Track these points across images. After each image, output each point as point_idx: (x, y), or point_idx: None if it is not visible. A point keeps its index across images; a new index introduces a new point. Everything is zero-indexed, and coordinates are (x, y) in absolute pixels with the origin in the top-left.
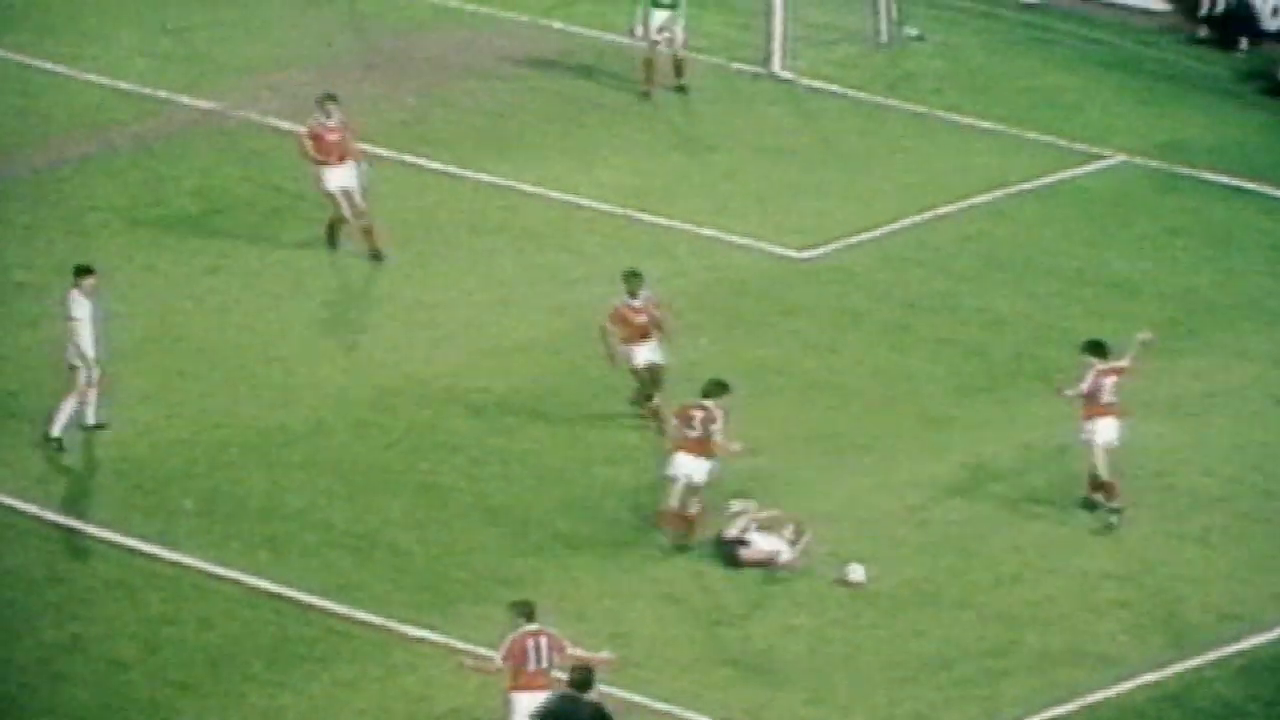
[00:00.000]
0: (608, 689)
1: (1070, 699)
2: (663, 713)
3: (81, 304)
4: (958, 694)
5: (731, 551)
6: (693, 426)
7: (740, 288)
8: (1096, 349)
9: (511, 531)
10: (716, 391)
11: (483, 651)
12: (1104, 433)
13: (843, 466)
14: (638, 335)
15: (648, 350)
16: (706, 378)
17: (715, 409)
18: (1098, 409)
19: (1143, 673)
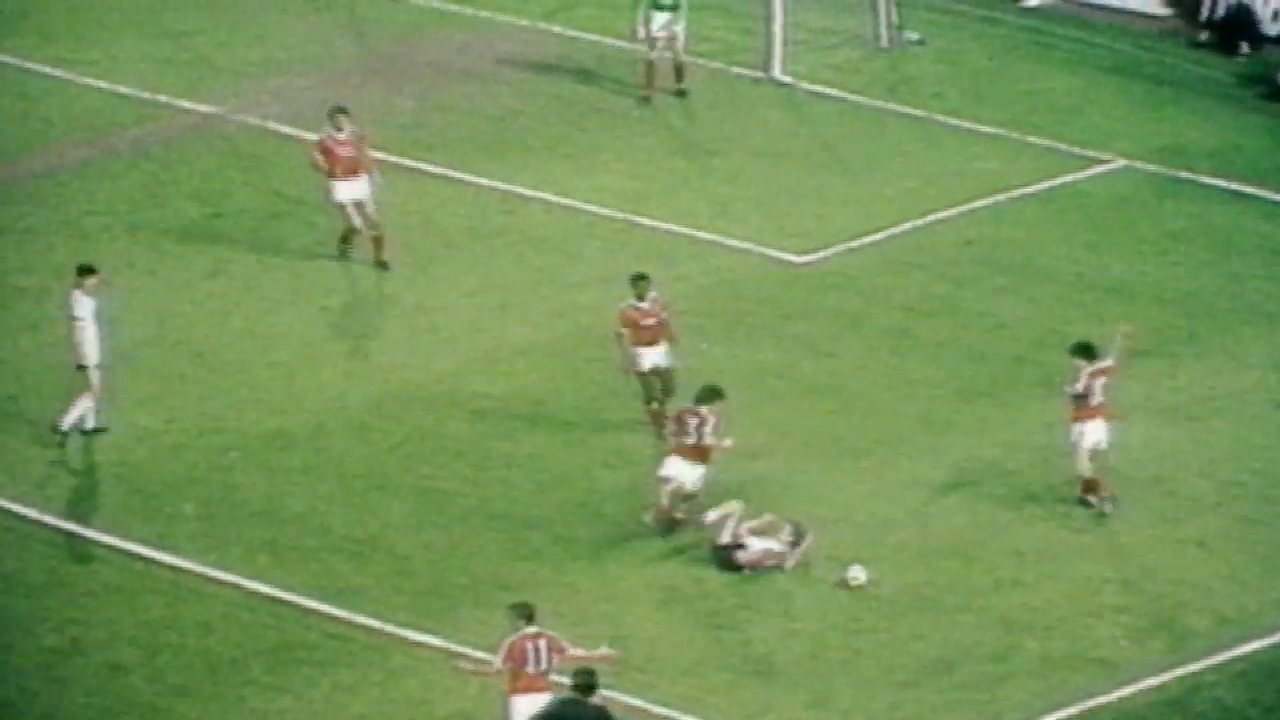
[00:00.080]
0: (608, 693)
1: (1070, 704)
2: (663, 717)
3: (85, 303)
4: (958, 698)
5: (729, 556)
6: (687, 432)
7: (740, 292)
8: (1085, 351)
9: (512, 535)
10: (710, 397)
11: (478, 655)
12: (1092, 434)
13: (843, 470)
14: (646, 339)
15: (655, 354)
16: (706, 382)
17: (709, 414)
18: (1087, 411)
19: (1143, 677)
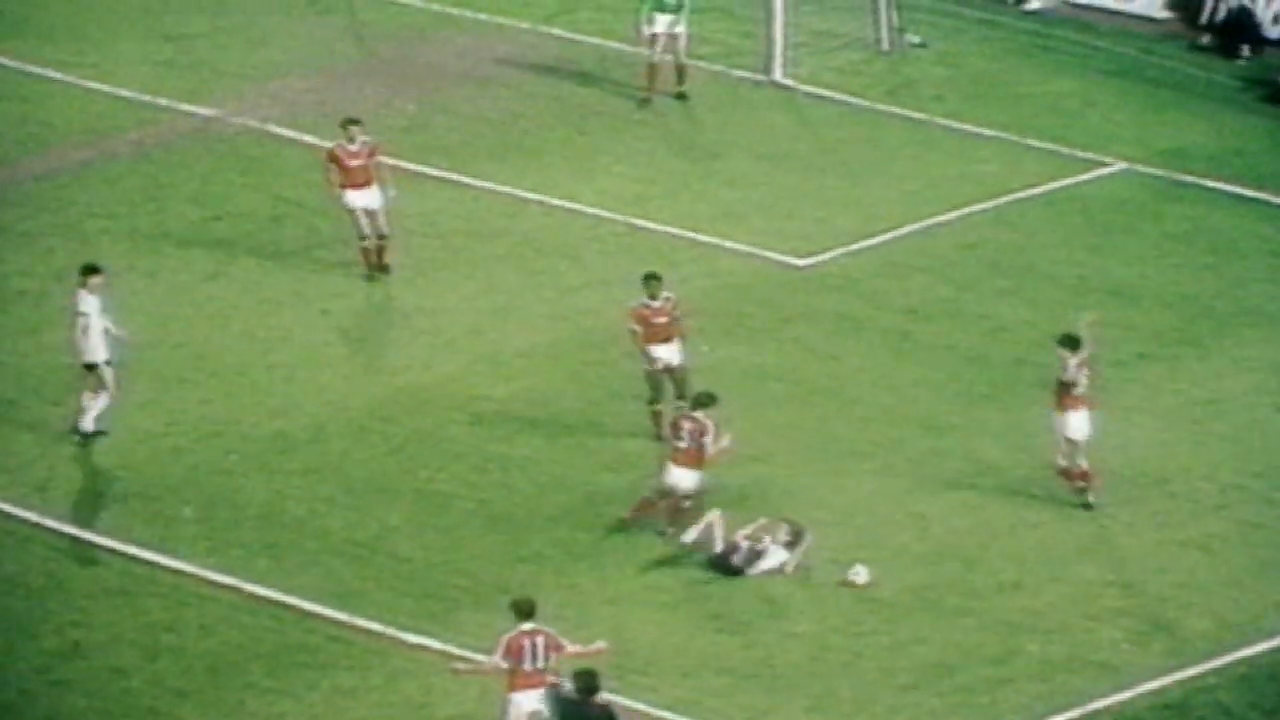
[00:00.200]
0: (609, 696)
1: (1071, 707)
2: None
3: (90, 302)
4: (959, 701)
5: (727, 563)
6: (681, 437)
7: (741, 295)
8: (1071, 343)
9: (512, 538)
10: (706, 403)
11: (477, 657)
12: (1076, 424)
13: (843, 473)
14: (657, 337)
15: (666, 352)
16: (706, 385)
17: (705, 420)
18: (1069, 400)
19: (1144, 681)
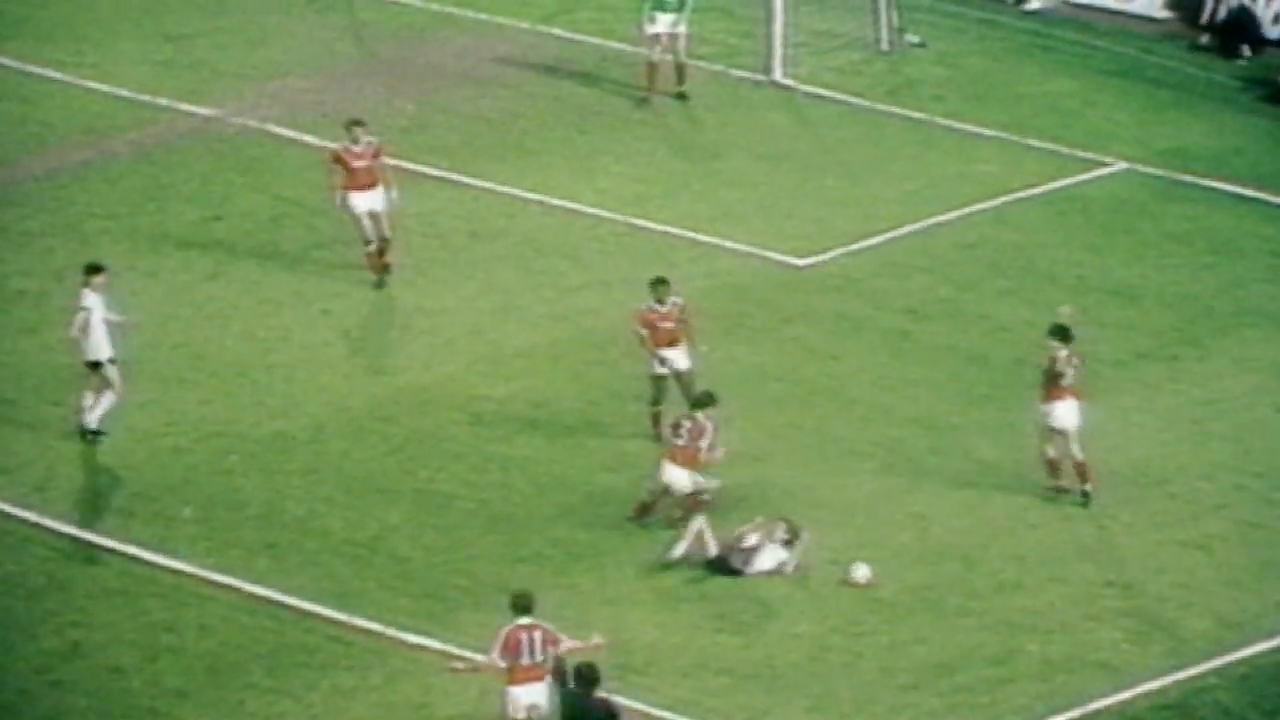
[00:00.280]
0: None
1: (1071, 707)
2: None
3: (94, 300)
4: (959, 701)
5: (725, 564)
6: (680, 435)
7: (741, 295)
8: (1062, 334)
9: (511, 538)
10: (706, 403)
11: (475, 657)
12: (1064, 415)
13: (844, 473)
14: (665, 342)
15: (674, 356)
16: (706, 385)
17: (704, 422)
18: (1057, 391)
19: (1144, 681)
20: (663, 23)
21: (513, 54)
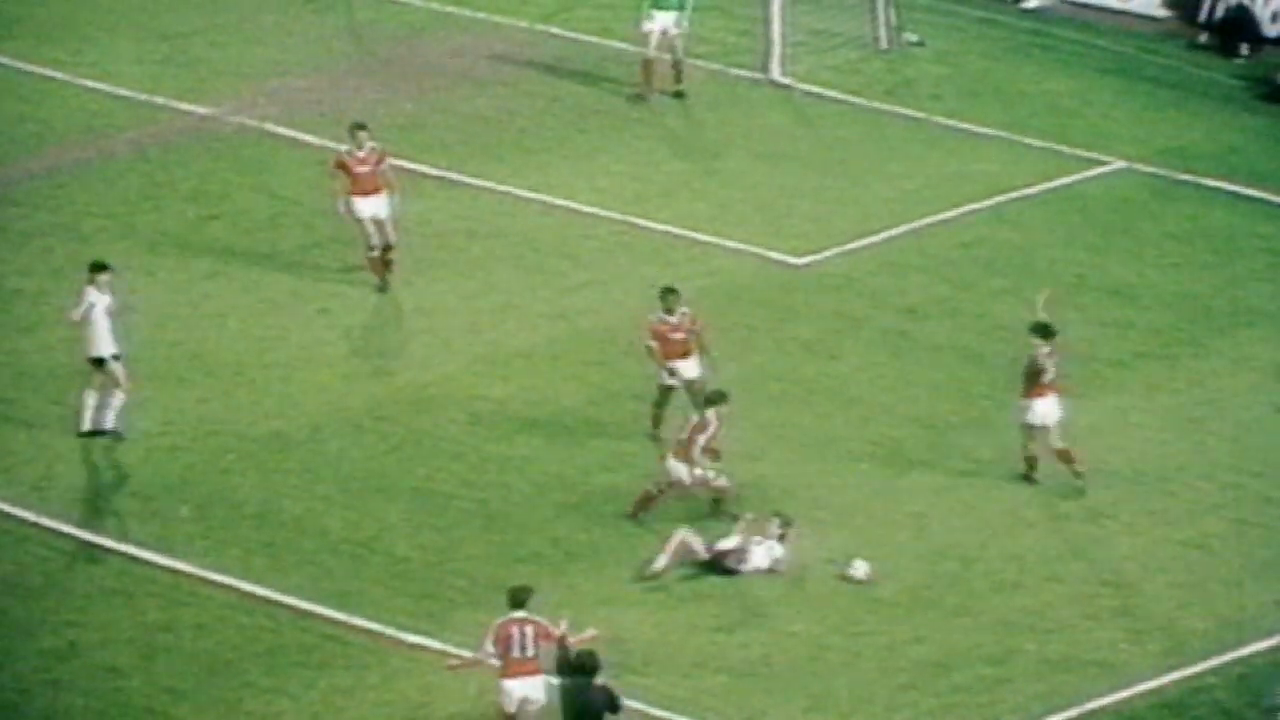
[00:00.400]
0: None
1: (1069, 706)
2: (661, 719)
3: (97, 298)
4: (957, 701)
5: (721, 564)
6: (684, 429)
7: (739, 293)
8: (1045, 331)
9: (510, 538)
10: (716, 400)
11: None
12: (1044, 410)
13: (842, 472)
14: (676, 353)
15: (685, 367)
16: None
17: (709, 417)
18: (1038, 388)
19: (1142, 680)
20: (661, 21)
21: (511, 53)
